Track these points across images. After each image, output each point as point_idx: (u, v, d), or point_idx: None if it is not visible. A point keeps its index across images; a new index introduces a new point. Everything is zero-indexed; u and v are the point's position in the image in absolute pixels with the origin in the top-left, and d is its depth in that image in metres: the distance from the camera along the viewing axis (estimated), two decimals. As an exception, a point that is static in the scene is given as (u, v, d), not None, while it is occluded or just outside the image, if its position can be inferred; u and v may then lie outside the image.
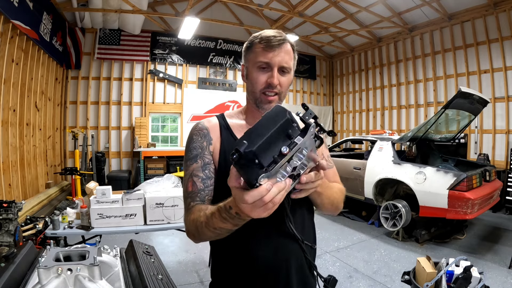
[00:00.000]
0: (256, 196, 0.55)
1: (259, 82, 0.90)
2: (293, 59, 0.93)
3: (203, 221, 0.76)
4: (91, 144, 6.69)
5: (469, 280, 1.64)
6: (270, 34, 0.90)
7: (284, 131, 0.60)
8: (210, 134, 0.95)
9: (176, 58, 8.00)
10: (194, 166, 0.90)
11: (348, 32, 7.90)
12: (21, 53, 4.61)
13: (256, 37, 0.92)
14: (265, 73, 0.89)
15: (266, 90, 0.89)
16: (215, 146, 0.93)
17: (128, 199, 2.62)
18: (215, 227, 0.73)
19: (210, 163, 0.91)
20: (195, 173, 0.89)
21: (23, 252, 1.28)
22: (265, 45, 0.88)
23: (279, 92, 0.91)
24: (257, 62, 0.89)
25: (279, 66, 0.89)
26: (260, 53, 0.89)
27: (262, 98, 0.91)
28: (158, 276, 1.42)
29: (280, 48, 0.88)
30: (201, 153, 0.92)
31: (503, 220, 4.92)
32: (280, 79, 0.89)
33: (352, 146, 8.48)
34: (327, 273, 2.68)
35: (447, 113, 4.06)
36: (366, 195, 4.61)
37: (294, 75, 1.00)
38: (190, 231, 0.84)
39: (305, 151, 0.61)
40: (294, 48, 0.94)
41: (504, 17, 5.72)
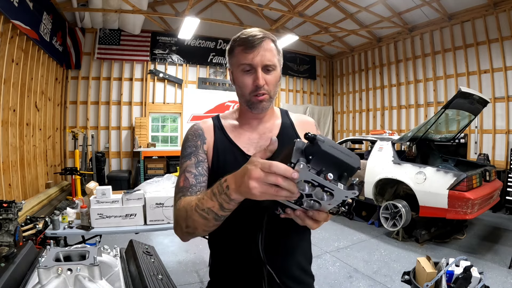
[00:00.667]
0: (281, 169, 0.53)
1: (246, 86, 0.89)
2: (276, 55, 0.91)
3: (194, 204, 0.74)
4: (91, 144, 6.69)
5: (469, 280, 1.64)
6: (248, 34, 0.88)
7: (341, 170, 0.56)
8: (204, 134, 0.96)
9: (176, 58, 8.01)
10: (187, 163, 0.91)
11: (348, 32, 7.90)
12: (21, 53, 4.61)
13: (235, 40, 0.90)
14: (250, 75, 0.88)
15: (255, 92, 0.89)
16: (209, 145, 0.95)
17: (128, 199, 2.62)
18: (203, 207, 0.71)
19: (203, 161, 0.92)
20: (188, 169, 0.90)
21: (23, 252, 1.28)
22: (244, 46, 0.87)
23: (268, 91, 0.90)
24: (240, 66, 0.88)
25: (263, 66, 0.87)
26: (241, 55, 0.88)
27: (252, 100, 0.90)
28: (158, 276, 1.42)
29: (260, 46, 0.86)
30: (195, 151, 0.93)
31: (503, 220, 4.92)
32: (266, 78, 0.88)
33: (352, 146, 8.48)
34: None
35: (447, 113, 4.06)
36: (366, 195, 4.61)
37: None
38: (179, 220, 0.80)
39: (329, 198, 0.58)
40: (277, 43, 0.92)
41: (504, 17, 5.72)
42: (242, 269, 0.91)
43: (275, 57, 0.90)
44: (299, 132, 1.01)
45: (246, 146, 0.94)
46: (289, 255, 0.93)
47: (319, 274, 3.16)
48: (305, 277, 0.99)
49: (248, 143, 0.95)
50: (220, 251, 0.97)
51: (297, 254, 0.96)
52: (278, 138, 0.88)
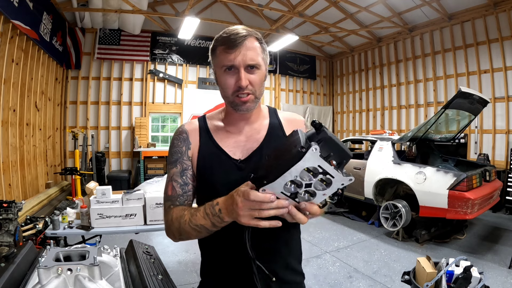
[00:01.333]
0: (259, 197, 0.61)
1: (228, 87, 0.86)
2: (261, 53, 0.87)
3: (187, 218, 0.79)
4: (91, 144, 6.69)
5: (469, 280, 1.64)
6: (230, 32, 0.84)
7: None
8: (189, 139, 0.95)
9: (176, 58, 8.00)
10: (174, 170, 0.92)
11: (348, 32, 7.90)
12: (21, 53, 4.61)
13: (217, 39, 0.87)
14: (233, 75, 0.85)
15: (238, 93, 0.85)
16: (194, 150, 0.94)
17: (128, 199, 2.62)
18: (196, 223, 0.77)
19: (188, 168, 0.92)
20: (174, 178, 0.91)
21: (23, 252, 1.28)
22: (226, 46, 0.83)
23: (252, 92, 0.86)
24: (222, 66, 0.85)
25: (245, 65, 0.83)
26: (222, 55, 0.85)
27: (236, 101, 0.87)
28: (158, 276, 1.42)
29: (242, 45, 0.82)
30: (180, 158, 0.93)
31: (503, 220, 4.92)
32: (250, 78, 0.84)
33: (352, 146, 8.48)
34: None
35: (447, 113, 4.06)
36: (366, 195, 4.61)
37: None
38: (171, 229, 0.86)
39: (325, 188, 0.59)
40: (262, 41, 0.88)
41: (504, 17, 5.72)
42: (232, 267, 0.90)
43: (259, 55, 0.86)
44: (287, 132, 0.96)
45: (233, 149, 0.92)
46: (277, 255, 0.93)
47: (319, 274, 3.16)
48: (295, 276, 0.99)
49: (235, 146, 0.93)
50: (210, 251, 0.96)
51: (285, 253, 0.95)
52: (266, 139, 0.91)
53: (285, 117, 1.01)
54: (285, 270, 0.95)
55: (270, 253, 0.91)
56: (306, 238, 4.21)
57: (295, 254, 1.01)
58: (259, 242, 0.86)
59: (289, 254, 0.98)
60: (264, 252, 0.89)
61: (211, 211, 0.73)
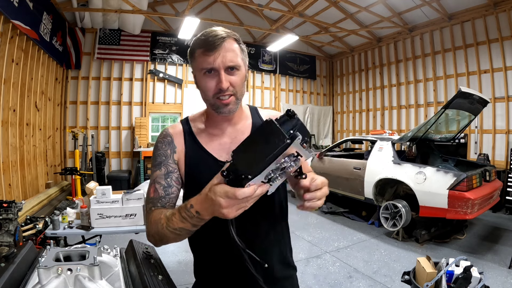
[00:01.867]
0: (246, 193, 0.61)
1: (209, 89, 0.85)
2: (240, 54, 0.86)
3: (164, 223, 0.78)
4: (91, 144, 6.69)
5: (469, 280, 1.64)
6: (208, 34, 0.83)
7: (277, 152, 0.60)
8: (174, 142, 0.94)
9: (176, 58, 8.01)
10: (157, 173, 0.91)
11: (348, 32, 7.90)
12: (21, 53, 4.61)
13: (195, 41, 0.86)
14: (213, 78, 0.84)
15: (219, 95, 0.85)
16: (180, 155, 0.93)
17: (128, 199, 2.62)
18: (174, 227, 0.76)
19: (173, 171, 0.91)
20: (157, 180, 0.90)
21: (23, 252, 1.28)
22: (205, 48, 0.82)
23: (234, 93, 0.86)
24: (202, 69, 0.84)
25: (225, 67, 0.83)
26: (201, 58, 0.83)
27: (217, 104, 0.86)
28: (158, 276, 1.42)
29: (221, 47, 0.82)
30: (165, 160, 0.92)
31: (503, 220, 4.92)
32: (231, 80, 0.84)
33: (352, 146, 8.48)
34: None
35: (447, 113, 4.06)
36: (366, 195, 4.60)
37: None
38: (150, 233, 0.84)
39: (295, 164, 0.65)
40: (240, 41, 0.88)
41: (504, 17, 5.72)
42: (224, 265, 0.92)
43: (238, 56, 0.86)
44: None
45: (218, 152, 0.92)
46: (268, 249, 0.95)
47: (319, 274, 3.16)
48: (290, 270, 1.02)
49: (220, 149, 0.93)
50: (201, 251, 0.98)
51: (276, 247, 0.97)
52: None
53: (266, 115, 1.02)
54: (281, 265, 0.98)
55: (259, 247, 0.93)
56: (306, 238, 4.21)
57: (287, 247, 1.04)
58: (252, 239, 0.88)
59: (283, 248, 1.00)
60: (258, 249, 0.89)
61: (187, 214, 0.72)
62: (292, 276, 1.04)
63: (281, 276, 0.98)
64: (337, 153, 6.48)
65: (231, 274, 0.91)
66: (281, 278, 0.98)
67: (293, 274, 1.05)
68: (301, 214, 5.35)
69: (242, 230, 0.85)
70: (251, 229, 0.91)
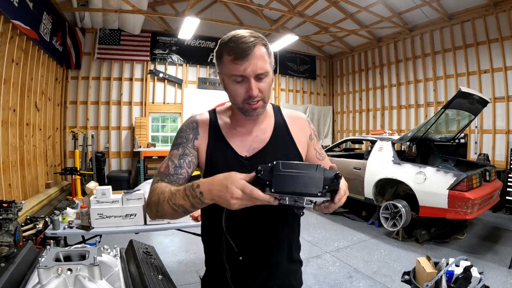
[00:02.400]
0: (260, 197, 0.66)
1: (239, 95, 0.87)
2: (268, 59, 0.87)
3: (167, 196, 0.80)
4: (91, 144, 6.69)
5: (469, 280, 1.64)
6: (237, 40, 0.82)
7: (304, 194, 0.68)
8: (198, 129, 0.97)
9: (176, 58, 8.00)
10: (174, 152, 0.94)
11: (348, 32, 7.89)
12: (21, 53, 4.61)
13: (223, 47, 0.86)
14: (243, 85, 0.85)
15: (248, 101, 0.87)
16: (201, 143, 0.96)
17: (128, 199, 2.62)
18: (175, 202, 0.78)
19: (188, 154, 0.94)
20: (172, 158, 0.93)
21: (23, 252, 1.28)
22: (234, 56, 0.82)
23: (262, 98, 0.88)
24: (231, 76, 0.85)
25: (255, 75, 0.84)
26: (231, 66, 0.84)
27: (246, 108, 0.89)
28: (158, 276, 1.42)
29: (251, 56, 0.82)
30: (185, 143, 0.95)
31: (503, 220, 4.92)
32: (260, 86, 0.86)
33: (352, 146, 8.48)
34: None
35: (447, 113, 4.05)
36: (366, 195, 4.61)
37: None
38: (151, 203, 0.86)
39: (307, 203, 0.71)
40: (267, 45, 0.88)
41: (504, 17, 5.72)
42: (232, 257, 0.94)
43: (267, 62, 0.86)
44: (291, 130, 1.02)
45: (239, 147, 0.95)
46: (278, 244, 0.98)
47: (319, 274, 3.16)
48: (294, 264, 1.06)
49: (241, 145, 0.96)
50: (212, 243, 1.01)
51: (285, 243, 1.00)
52: (271, 139, 0.97)
53: (289, 115, 1.05)
54: (288, 261, 1.02)
55: (273, 246, 0.97)
56: (306, 238, 4.21)
57: (297, 243, 1.08)
58: (263, 235, 0.94)
59: (292, 244, 1.04)
60: (267, 244, 0.96)
61: (191, 193, 0.74)
62: (297, 270, 1.08)
63: (287, 271, 1.02)
64: (337, 153, 6.49)
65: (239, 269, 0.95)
66: (287, 273, 1.01)
67: (298, 268, 1.09)
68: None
69: (256, 225, 0.93)
70: (266, 225, 0.95)
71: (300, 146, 1.01)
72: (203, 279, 1.07)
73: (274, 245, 0.97)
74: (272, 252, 0.97)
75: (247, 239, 0.93)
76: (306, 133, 1.05)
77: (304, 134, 1.04)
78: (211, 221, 0.96)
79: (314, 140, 1.06)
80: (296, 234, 1.06)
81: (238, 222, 0.89)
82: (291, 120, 1.03)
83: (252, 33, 0.86)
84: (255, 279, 0.96)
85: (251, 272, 0.95)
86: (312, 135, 1.06)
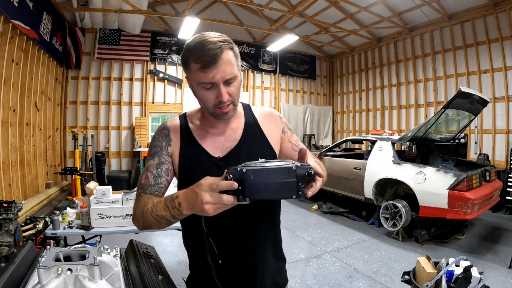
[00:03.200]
0: (223, 185, 0.65)
1: (209, 101, 0.87)
2: (235, 62, 0.86)
3: (149, 207, 0.83)
4: (91, 144, 6.69)
5: (469, 280, 1.64)
6: (204, 48, 0.81)
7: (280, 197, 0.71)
8: (170, 135, 0.98)
9: (176, 58, 8.00)
10: (150, 162, 0.96)
11: (348, 32, 7.90)
12: (21, 53, 4.60)
13: (189, 53, 0.84)
14: (212, 91, 0.85)
15: (219, 105, 0.87)
16: (174, 149, 0.97)
17: (128, 199, 2.62)
18: (157, 214, 0.80)
19: (164, 162, 0.96)
20: (149, 169, 0.95)
21: (23, 252, 1.28)
22: (202, 64, 0.81)
23: (232, 101, 0.89)
24: (200, 84, 0.85)
25: (224, 81, 0.84)
26: (199, 74, 0.83)
27: (217, 112, 0.89)
28: (158, 276, 1.42)
29: (219, 62, 0.81)
30: (160, 152, 0.96)
31: (503, 220, 4.92)
32: (229, 91, 0.86)
33: (352, 146, 8.48)
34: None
35: (447, 113, 4.05)
36: (366, 195, 4.60)
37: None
38: (136, 215, 0.89)
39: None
40: (233, 46, 0.87)
41: (504, 17, 5.72)
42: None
43: (234, 66, 0.86)
44: (263, 127, 1.02)
45: (212, 148, 0.96)
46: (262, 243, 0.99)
47: (319, 274, 3.16)
48: (279, 262, 1.07)
49: (214, 146, 0.97)
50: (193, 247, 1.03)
51: (269, 241, 1.02)
52: (243, 138, 0.98)
53: (260, 112, 1.06)
54: (274, 258, 1.04)
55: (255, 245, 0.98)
56: (306, 238, 4.21)
57: (279, 240, 1.09)
58: (246, 237, 0.96)
59: (276, 241, 1.06)
60: (252, 243, 0.97)
61: (171, 203, 0.76)
62: (282, 268, 1.10)
63: (272, 269, 1.03)
64: (337, 153, 6.48)
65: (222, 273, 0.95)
66: (272, 271, 1.03)
67: (283, 266, 1.10)
68: (301, 214, 5.35)
69: (237, 226, 0.94)
70: (246, 224, 0.96)
71: (272, 141, 1.01)
72: (188, 281, 1.09)
73: (257, 244, 0.98)
74: (255, 251, 0.97)
75: (229, 240, 0.94)
76: (279, 128, 1.05)
77: (277, 129, 1.05)
78: (191, 225, 0.96)
79: (288, 133, 1.07)
80: (277, 230, 1.07)
81: (219, 223, 0.90)
82: (262, 117, 1.04)
83: (218, 36, 0.85)
84: (240, 279, 0.96)
85: (237, 272, 0.96)
86: (285, 128, 1.07)
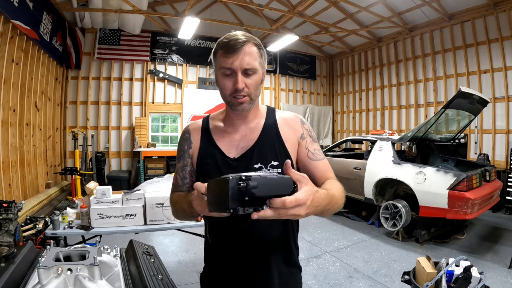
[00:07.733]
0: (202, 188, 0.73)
1: (226, 88, 0.92)
2: (258, 58, 0.92)
3: (177, 203, 0.98)
4: (91, 144, 6.69)
5: (469, 280, 1.64)
6: (230, 38, 0.90)
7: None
8: (191, 138, 1.06)
9: (176, 58, 8.00)
10: (178, 165, 1.08)
11: (348, 32, 7.89)
12: (21, 53, 4.60)
13: (218, 43, 0.93)
14: (230, 78, 0.91)
15: (235, 94, 0.91)
16: (195, 148, 1.05)
17: (128, 199, 2.62)
18: (181, 206, 0.93)
19: (187, 165, 1.05)
20: (178, 172, 1.07)
21: (23, 252, 1.28)
22: (225, 50, 0.89)
23: (248, 94, 0.92)
24: (221, 69, 0.91)
25: (242, 69, 0.89)
26: (221, 59, 0.91)
27: (232, 102, 0.93)
28: (158, 276, 1.42)
29: (240, 51, 0.88)
30: (183, 155, 1.06)
31: (503, 220, 4.92)
32: (246, 82, 0.90)
33: (352, 146, 8.48)
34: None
35: (447, 113, 4.05)
36: (366, 195, 4.61)
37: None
38: (172, 210, 1.04)
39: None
40: (260, 46, 0.94)
41: (504, 17, 5.72)
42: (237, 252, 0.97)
43: (256, 60, 0.91)
44: (281, 130, 1.02)
45: (228, 148, 0.99)
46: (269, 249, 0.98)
47: (319, 274, 3.16)
48: (292, 269, 1.05)
49: (230, 145, 1.00)
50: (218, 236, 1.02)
51: (280, 246, 1.00)
52: (259, 139, 0.99)
53: (282, 116, 1.06)
54: (285, 264, 1.01)
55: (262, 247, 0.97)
56: (306, 238, 4.21)
57: (294, 246, 1.06)
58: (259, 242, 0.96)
59: (288, 247, 1.03)
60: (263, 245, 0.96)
61: (189, 199, 0.85)
62: (295, 275, 1.06)
63: (283, 276, 0.99)
64: (337, 153, 6.48)
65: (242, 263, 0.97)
66: (283, 279, 0.99)
67: (295, 273, 1.06)
68: (301, 214, 5.34)
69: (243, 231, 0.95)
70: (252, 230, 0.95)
71: (289, 146, 1.00)
72: (202, 275, 1.10)
73: (263, 251, 0.96)
74: (264, 257, 0.96)
75: (233, 245, 0.97)
76: (298, 132, 1.03)
77: (295, 133, 1.03)
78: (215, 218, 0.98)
79: (307, 139, 1.03)
80: (290, 237, 1.02)
81: (224, 229, 0.97)
82: (283, 121, 1.04)
83: (246, 34, 0.92)
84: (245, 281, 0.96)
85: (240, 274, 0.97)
86: (305, 134, 1.04)
